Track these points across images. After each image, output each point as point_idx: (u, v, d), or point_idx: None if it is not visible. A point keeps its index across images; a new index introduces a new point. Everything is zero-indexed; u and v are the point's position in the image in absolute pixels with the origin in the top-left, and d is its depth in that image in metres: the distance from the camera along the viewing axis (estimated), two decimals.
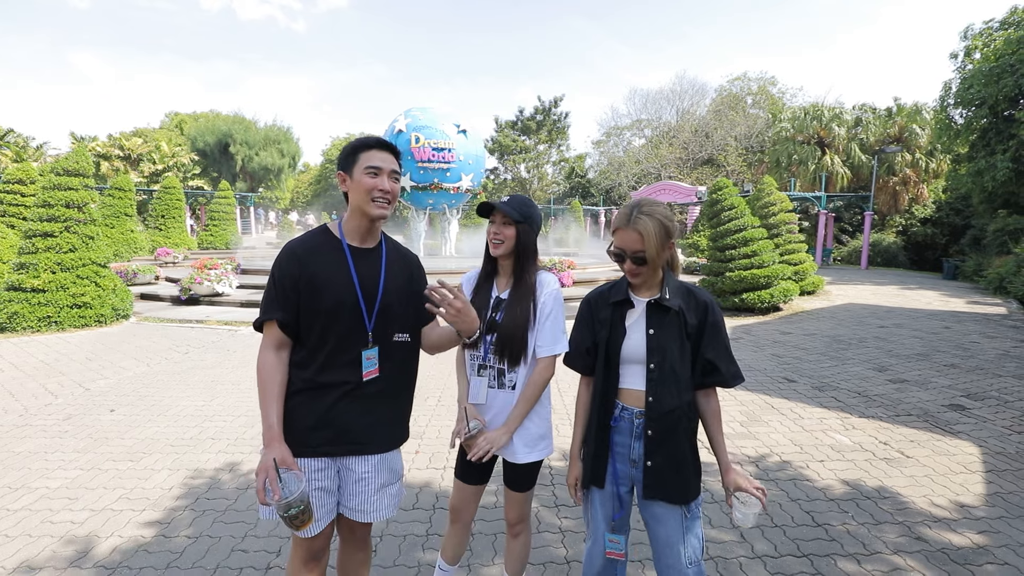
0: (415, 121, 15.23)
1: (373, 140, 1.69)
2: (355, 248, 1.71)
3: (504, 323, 1.84)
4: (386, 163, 1.66)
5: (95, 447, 3.81)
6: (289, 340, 1.67)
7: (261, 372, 1.63)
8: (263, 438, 1.60)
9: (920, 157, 23.52)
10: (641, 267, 1.65)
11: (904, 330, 8.46)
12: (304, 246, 1.68)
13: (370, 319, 1.68)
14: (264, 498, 1.51)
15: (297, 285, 1.62)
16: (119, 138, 32.44)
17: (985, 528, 2.90)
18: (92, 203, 8.72)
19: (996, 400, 5.05)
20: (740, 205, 10.23)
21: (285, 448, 1.59)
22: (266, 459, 1.55)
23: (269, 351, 1.64)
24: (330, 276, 1.65)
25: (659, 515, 1.68)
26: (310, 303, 1.63)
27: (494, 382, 1.89)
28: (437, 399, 4.96)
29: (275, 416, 1.60)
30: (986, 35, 16.98)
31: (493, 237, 1.86)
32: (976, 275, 15.54)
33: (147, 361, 6.18)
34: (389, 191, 1.66)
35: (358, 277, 1.67)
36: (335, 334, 1.64)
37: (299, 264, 1.63)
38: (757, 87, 34.21)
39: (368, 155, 1.66)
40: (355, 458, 1.71)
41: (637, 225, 1.62)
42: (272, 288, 1.65)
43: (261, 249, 22.48)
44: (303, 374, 1.66)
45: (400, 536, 2.76)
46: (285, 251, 1.67)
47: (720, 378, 1.66)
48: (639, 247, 1.61)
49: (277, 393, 1.62)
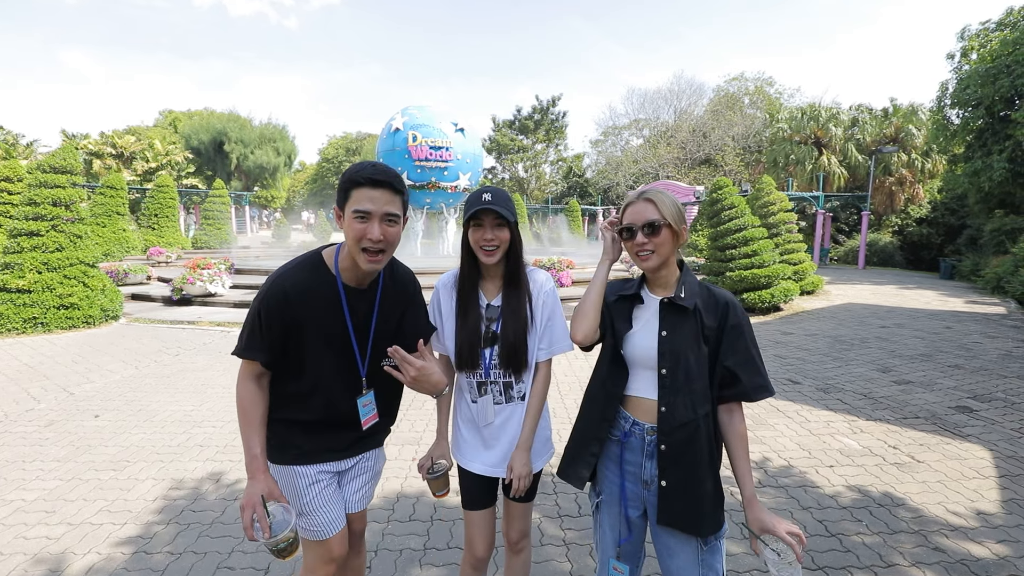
0: (412, 119, 15.07)
1: (366, 175, 1.39)
2: (350, 288, 1.55)
3: (506, 333, 1.69)
4: (378, 205, 1.39)
5: (77, 455, 3.65)
6: (268, 372, 1.56)
7: (242, 402, 1.52)
8: (247, 469, 1.49)
9: (916, 157, 23.52)
10: (655, 237, 1.48)
11: (906, 330, 8.38)
12: (296, 287, 1.48)
13: (363, 364, 1.58)
14: (252, 535, 1.42)
15: (285, 330, 1.49)
16: (111, 136, 32.04)
17: (1004, 537, 2.79)
18: (80, 201, 8.53)
19: (1003, 402, 4.96)
20: (740, 204, 10.13)
21: (271, 480, 1.51)
22: (252, 493, 1.45)
23: (249, 381, 1.53)
24: (322, 322, 1.51)
25: (671, 546, 1.51)
26: (298, 347, 1.51)
27: (500, 397, 1.74)
28: (434, 402, 4.81)
29: (258, 446, 1.50)
30: (983, 36, 16.96)
31: (486, 244, 1.63)
32: (973, 275, 15.51)
33: (135, 364, 6.02)
34: (381, 239, 1.40)
35: (352, 321, 1.53)
36: (327, 378, 1.55)
37: (289, 309, 1.47)
38: (754, 87, 34.20)
39: (359, 194, 1.39)
40: (351, 459, 1.69)
41: (649, 195, 1.50)
42: (256, 325, 1.48)
43: (256, 248, 22.26)
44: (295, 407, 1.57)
45: (396, 551, 2.62)
46: (273, 288, 1.48)
47: (741, 390, 1.45)
48: (653, 215, 1.48)
49: (259, 422, 1.52)
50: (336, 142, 52.25)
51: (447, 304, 1.79)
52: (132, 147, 31.46)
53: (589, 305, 1.57)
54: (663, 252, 1.51)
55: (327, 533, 1.60)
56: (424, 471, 1.77)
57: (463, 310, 1.73)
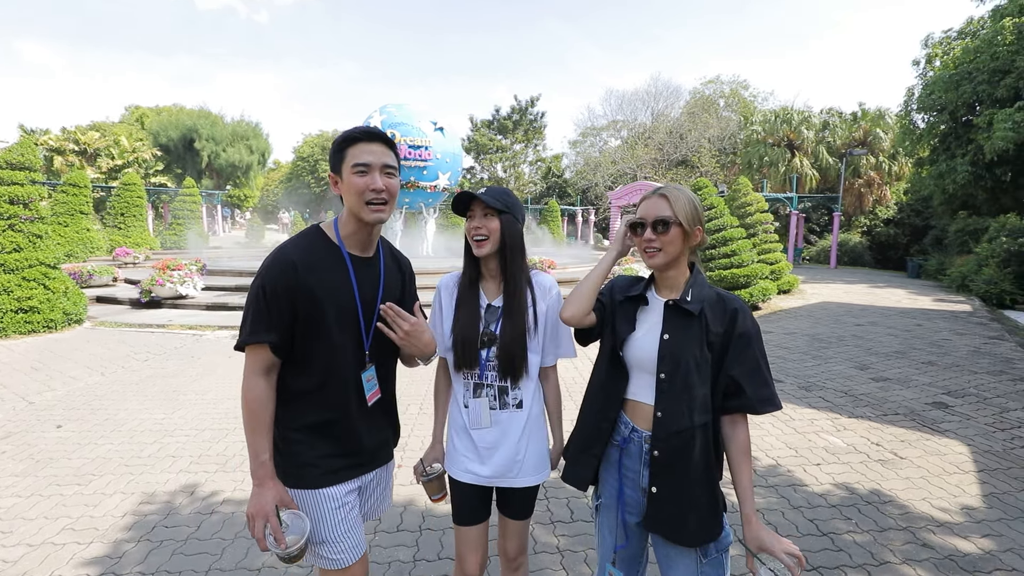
0: (391, 118, 14.82)
1: (359, 132, 1.43)
2: (356, 257, 1.49)
3: (504, 335, 1.63)
4: (376, 156, 1.41)
5: (37, 469, 3.43)
6: (279, 362, 1.43)
7: (249, 402, 1.38)
8: (253, 476, 1.37)
9: (884, 160, 24.30)
10: (663, 235, 1.43)
11: (880, 328, 8.59)
12: (302, 254, 1.42)
13: (367, 337, 1.50)
14: (266, 546, 1.32)
15: (294, 301, 1.38)
16: (74, 132, 30.76)
17: (988, 531, 2.84)
18: (41, 199, 8.12)
19: (976, 397, 5.10)
20: (719, 205, 10.27)
21: (280, 486, 1.40)
22: (263, 501, 1.34)
23: (258, 377, 1.39)
24: (333, 290, 1.42)
25: (670, 556, 1.47)
26: (310, 321, 1.40)
27: (495, 402, 1.66)
28: (419, 407, 4.71)
29: (267, 452, 1.38)
30: (945, 44, 17.60)
31: (475, 233, 1.61)
32: (939, 274, 16.09)
33: (101, 370, 5.73)
34: (384, 189, 1.41)
35: (359, 292, 1.47)
36: (335, 355, 1.45)
37: (297, 276, 1.38)
38: (729, 90, 34.77)
39: (355, 150, 1.41)
40: (370, 473, 1.61)
41: (665, 191, 1.46)
42: (262, 303, 1.38)
43: (228, 249, 21.64)
44: (304, 403, 1.46)
45: (384, 563, 2.51)
46: (278, 259, 1.40)
47: (746, 401, 1.39)
48: (665, 212, 1.43)
49: (268, 424, 1.40)
50: (312, 140, 51.19)
51: (448, 303, 1.73)
52: (96, 143, 30.29)
53: (586, 287, 1.54)
54: (671, 251, 1.45)
55: (350, 559, 1.48)
56: (418, 475, 1.73)
57: (462, 307, 1.68)
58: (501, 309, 1.66)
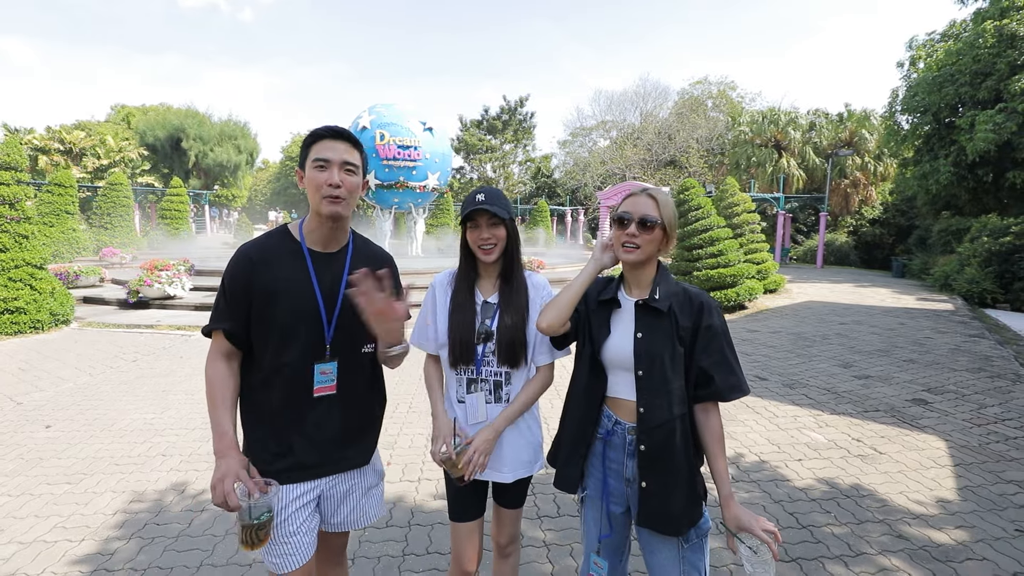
0: (380, 118, 14.80)
1: (325, 130, 1.49)
2: (316, 252, 1.54)
3: (502, 329, 1.68)
4: (338, 153, 1.47)
5: (27, 469, 3.43)
6: (239, 351, 1.51)
7: (209, 379, 1.47)
8: (216, 450, 1.40)
9: (869, 161, 24.66)
10: (646, 233, 1.50)
11: (863, 327, 8.76)
12: (259, 250, 1.51)
13: (329, 330, 1.52)
14: (236, 501, 1.31)
15: (249, 293, 1.46)
16: (59, 131, 30.30)
17: (961, 523, 2.94)
18: (26, 199, 8.03)
19: (954, 394, 5.23)
20: (707, 205, 10.38)
21: (245, 459, 1.43)
22: (227, 465, 1.35)
23: (219, 360, 1.49)
24: (287, 284, 1.47)
25: (653, 544, 1.53)
26: (263, 313, 1.47)
27: (490, 396, 1.71)
28: (408, 406, 4.74)
29: (229, 425, 1.43)
30: (929, 46, 17.87)
31: (483, 243, 1.64)
32: (923, 273, 16.38)
33: (89, 370, 5.70)
34: (340, 184, 1.46)
35: (319, 284, 1.50)
36: (293, 348, 1.47)
37: (252, 270, 1.47)
38: (717, 91, 35.05)
39: (319, 147, 1.47)
40: (336, 476, 1.59)
41: (653, 192, 1.52)
42: (222, 295, 1.50)
43: (217, 249, 21.47)
44: (259, 395, 1.50)
45: (374, 558, 2.55)
46: (238, 255, 1.51)
47: (715, 390, 1.47)
48: (652, 212, 1.50)
49: (230, 400, 1.47)
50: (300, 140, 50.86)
51: (442, 300, 1.76)
52: (82, 143, 29.86)
53: (564, 299, 1.57)
54: (648, 250, 1.52)
55: (288, 567, 1.47)
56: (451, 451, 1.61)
57: (458, 305, 1.71)
58: (497, 304, 1.71)
